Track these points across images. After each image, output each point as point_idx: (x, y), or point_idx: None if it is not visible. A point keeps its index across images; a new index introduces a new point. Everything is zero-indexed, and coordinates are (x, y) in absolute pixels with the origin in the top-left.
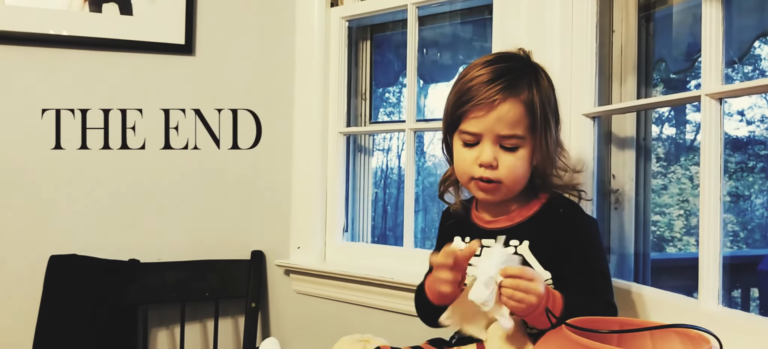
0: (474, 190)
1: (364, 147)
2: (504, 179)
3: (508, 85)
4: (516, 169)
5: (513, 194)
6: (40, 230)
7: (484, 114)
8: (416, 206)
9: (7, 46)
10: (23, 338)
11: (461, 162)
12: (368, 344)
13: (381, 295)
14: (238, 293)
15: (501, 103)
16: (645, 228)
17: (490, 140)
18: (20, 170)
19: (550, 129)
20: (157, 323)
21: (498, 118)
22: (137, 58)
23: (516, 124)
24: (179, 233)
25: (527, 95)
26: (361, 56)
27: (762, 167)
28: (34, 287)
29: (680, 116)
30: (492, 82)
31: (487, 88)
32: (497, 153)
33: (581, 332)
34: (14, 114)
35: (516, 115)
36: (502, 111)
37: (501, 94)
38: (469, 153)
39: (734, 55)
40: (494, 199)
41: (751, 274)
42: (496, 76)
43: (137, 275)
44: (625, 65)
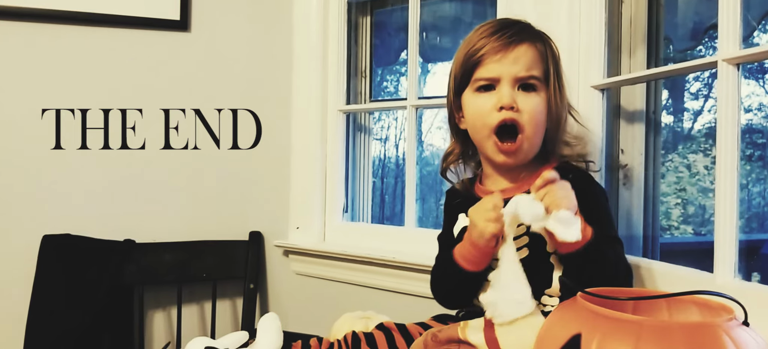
0: (492, 151)
1: (364, 126)
2: (526, 125)
3: (518, 31)
4: (537, 114)
5: (531, 154)
6: (33, 209)
7: (500, 57)
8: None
9: (1, 22)
10: (17, 320)
11: (478, 112)
12: (370, 321)
13: (382, 275)
14: (236, 274)
15: (517, 44)
16: (654, 205)
17: (509, 83)
18: (13, 149)
19: (561, 83)
20: (154, 305)
21: (515, 59)
22: (131, 34)
23: (532, 66)
24: (175, 213)
25: (540, 44)
26: (361, 34)
27: (760, 155)
28: (28, 267)
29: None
30: (502, 30)
31: (499, 35)
32: (516, 95)
33: (596, 300)
34: (5, 91)
35: (532, 57)
36: (520, 52)
37: (516, 37)
38: (486, 99)
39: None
40: (515, 161)
41: (751, 259)
42: (505, 25)
43: (133, 255)
44: (635, 36)
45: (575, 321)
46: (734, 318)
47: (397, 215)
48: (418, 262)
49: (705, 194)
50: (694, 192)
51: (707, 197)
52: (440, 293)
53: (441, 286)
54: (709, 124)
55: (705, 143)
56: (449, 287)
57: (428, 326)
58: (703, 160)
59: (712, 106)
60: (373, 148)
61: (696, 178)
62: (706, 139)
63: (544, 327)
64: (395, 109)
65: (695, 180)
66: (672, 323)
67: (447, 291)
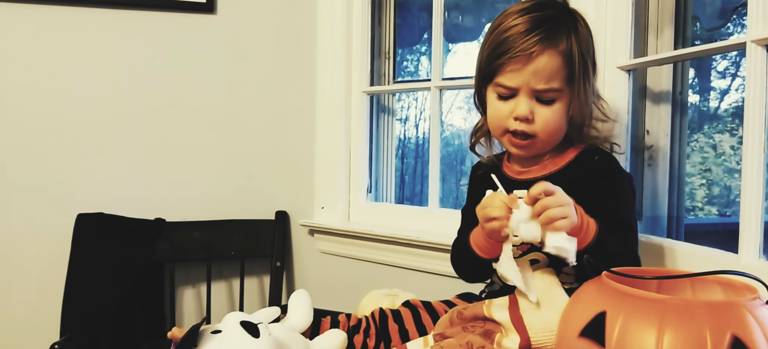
0: (507, 144)
1: (387, 107)
2: (539, 133)
3: (546, 36)
4: (552, 123)
5: (548, 149)
6: (69, 189)
7: (520, 67)
8: None
9: (36, 6)
10: (53, 295)
11: (496, 115)
12: (397, 298)
13: (405, 254)
14: (263, 253)
15: (538, 55)
16: (680, 186)
17: (526, 94)
18: (47, 130)
19: (588, 79)
20: (184, 282)
21: (535, 72)
22: (160, 16)
23: (553, 77)
24: (204, 192)
25: (566, 45)
26: (384, 14)
27: None
28: (62, 245)
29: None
30: (529, 32)
31: (524, 39)
32: (533, 106)
33: (621, 279)
34: (41, 74)
35: (553, 68)
36: (540, 64)
37: (538, 46)
38: (504, 106)
39: None
40: (527, 154)
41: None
42: (533, 26)
43: (164, 233)
44: (662, 16)
45: (600, 300)
46: (758, 298)
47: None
48: (441, 242)
49: (730, 174)
50: (720, 173)
51: (733, 177)
52: (459, 269)
53: (459, 263)
54: (736, 104)
55: (731, 123)
56: (467, 268)
57: (453, 303)
58: (729, 140)
59: (739, 84)
60: (396, 126)
61: (721, 158)
62: (732, 118)
63: (568, 305)
64: (417, 91)
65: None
66: (696, 301)
67: (464, 270)
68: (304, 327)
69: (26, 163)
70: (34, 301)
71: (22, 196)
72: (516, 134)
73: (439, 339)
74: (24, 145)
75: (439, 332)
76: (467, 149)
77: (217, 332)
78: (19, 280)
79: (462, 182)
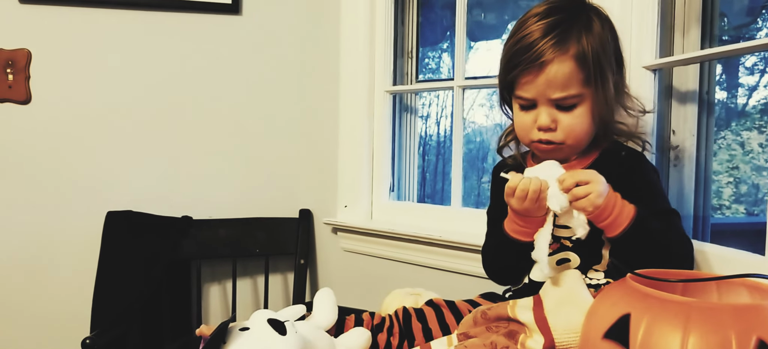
0: (536, 151)
1: (410, 107)
2: (565, 140)
3: (555, 42)
4: (576, 128)
5: (577, 151)
6: (98, 187)
7: (533, 79)
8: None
9: (65, 7)
10: (85, 291)
11: (521, 125)
12: (420, 297)
13: (428, 253)
14: (287, 250)
15: (549, 64)
16: (706, 186)
17: (545, 103)
18: (78, 132)
19: (607, 78)
20: (210, 278)
21: (547, 82)
22: (186, 18)
23: (568, 84)
24: (229, 191)
25: (576, 48)
26: (407, 13)
27: None
28: (93, 242)
29: (732, 79)
30: (538, 41)
31: (533, 49)
32: (554, 114)
33: (646, 281)
34: (75, 76)
35: (566, 74)
36: (551, 73)
37: (547, 55)
38: (527, 116)
39: None
40: (557, 158)
41: None
42: (544, 32)
43: (190, 231)
44: (689, 14)
45: (624, 302)
46: None
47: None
48: (464, 241)
49: (758, 172)
50: (748, 171)
51: (761, 175)
52: (493, 268)
53: (494, 260)
54: (764, 100)
55: (759, 120)
56: (505, 261)
57: (476, 303)
58: (757, 137)
59: None
60: (419, 125)
61: (749, 156)
62: (761, 115)
63: (592, 307)
64: (440, 90)
65: (749, 158)
66: (721, 304)
67: (499, 265)
68: (329, 325)
69: (58, 162)
70: (66, 297)
71: (55, 195)
72: (542, 142)
73: (463, 339)
74: (56, 146)
75: (462, 332)
76: (489, 146)
77: (245, 329)
78: (52, 276)
79: (484, 180)
